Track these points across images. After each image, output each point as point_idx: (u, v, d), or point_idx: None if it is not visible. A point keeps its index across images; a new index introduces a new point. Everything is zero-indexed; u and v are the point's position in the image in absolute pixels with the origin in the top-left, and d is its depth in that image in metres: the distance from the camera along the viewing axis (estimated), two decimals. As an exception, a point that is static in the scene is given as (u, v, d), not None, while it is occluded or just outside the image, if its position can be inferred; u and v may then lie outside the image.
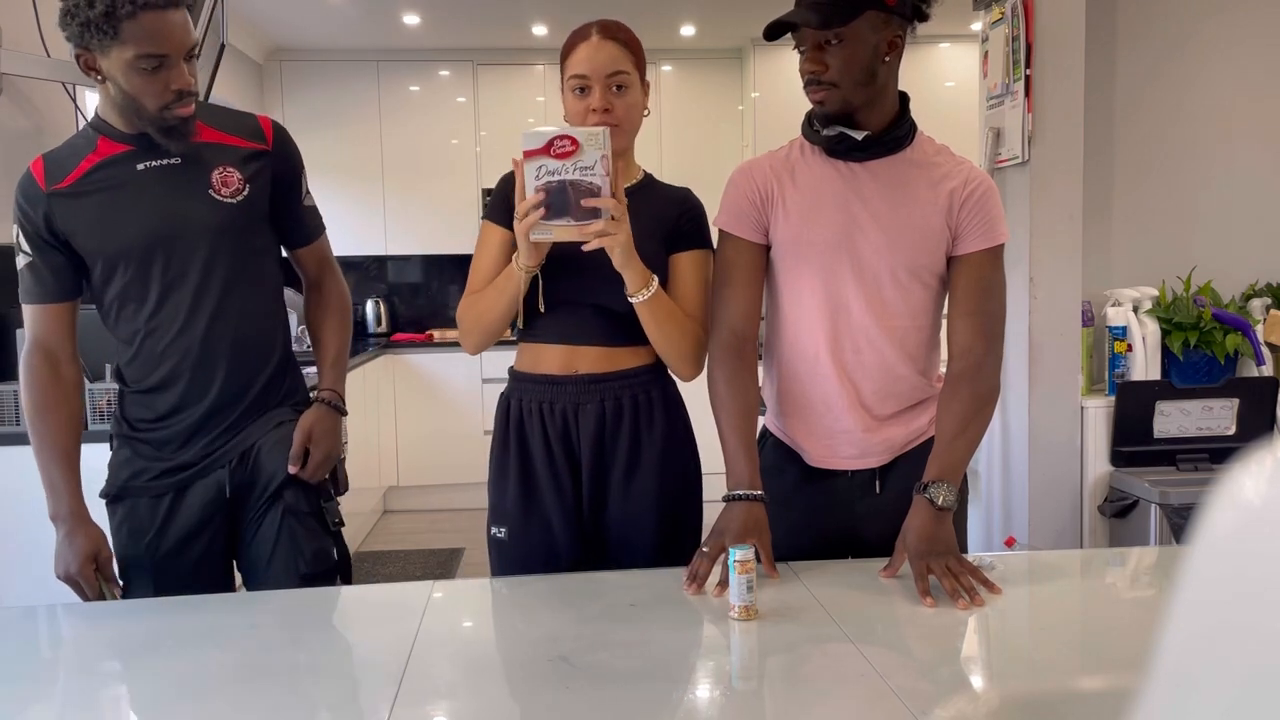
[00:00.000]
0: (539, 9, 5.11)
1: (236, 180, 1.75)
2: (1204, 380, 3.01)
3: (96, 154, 1.72)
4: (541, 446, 1.77)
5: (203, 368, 1.76)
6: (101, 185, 1.71)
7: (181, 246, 1.72)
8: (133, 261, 1.72)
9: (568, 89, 1.74)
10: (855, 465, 1.74)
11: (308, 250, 1.92)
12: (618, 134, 1.71)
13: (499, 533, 1.80)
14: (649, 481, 1.77)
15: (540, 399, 1.77)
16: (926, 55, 5.69)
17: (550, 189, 1.55)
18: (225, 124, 1.80)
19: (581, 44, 1.72)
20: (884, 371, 1.69)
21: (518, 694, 1.23)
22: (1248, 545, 0.42)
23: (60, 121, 3.41)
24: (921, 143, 1.70)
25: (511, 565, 1.79)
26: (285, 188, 1.84)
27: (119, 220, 1.70)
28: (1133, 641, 1.35)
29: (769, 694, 1.25)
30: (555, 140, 1.54)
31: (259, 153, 1.79)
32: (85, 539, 1.73)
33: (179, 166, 1.73)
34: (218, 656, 1.35)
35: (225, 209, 1.74)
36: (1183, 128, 3.25)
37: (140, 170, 1.72)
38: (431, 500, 5.49)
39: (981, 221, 1.66)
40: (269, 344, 1.83)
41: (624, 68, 1.71)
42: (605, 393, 1.76)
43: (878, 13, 1.57)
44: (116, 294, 1.74)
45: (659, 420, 1.79)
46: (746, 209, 1.70)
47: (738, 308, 1.70)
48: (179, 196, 1.72)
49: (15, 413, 2.57)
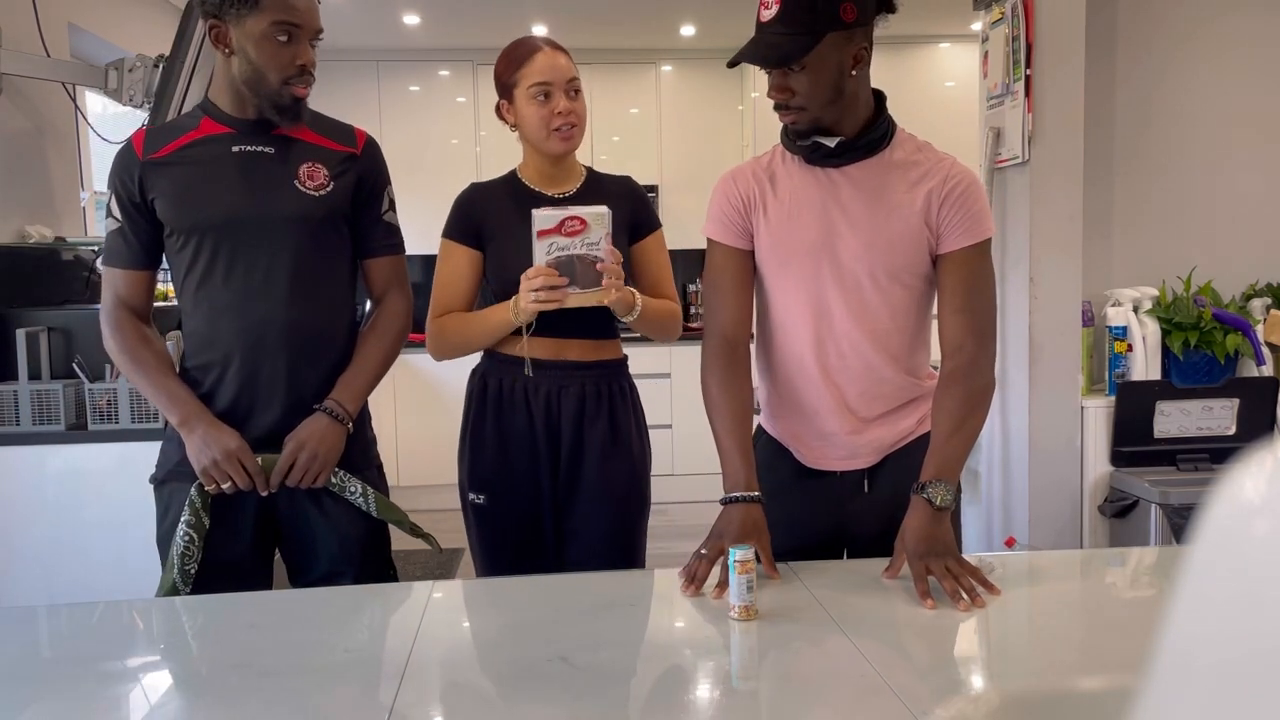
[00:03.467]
0: (539, 9, 5.11)
1: (323, 176, 1.80)
2: (1204, 380, 3.01)
3: (198, 131, 1.79)
4: (525, 419, 1.92)
5: (256, 351, 1.77)
6: (193, 159, 1.77)
7: (257, 230, 1.75)
8: (208, 237, 1.75)
9: (527, 96, 1.88)
10: (845, 466, 1.75)
11: (375, 263, 1.91)
12: (577, 134, 1.91)
13: (478, 499, 1.94)
14: (620, 461, 1.95)
15: (525, 380, 1.91)
16: (926, 55, 5.69)
17: (560, 262, 1.77)
18: (323, 128, 1.86)
19: (537, 54, 1.89)
20: (868, 374, 1.69)
21: (518, 694, 1.23)
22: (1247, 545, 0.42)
23: (60, 121, 3.42)
24: (902, 141, 1.69)
25: (491, 531, 1.94)
26: (366, 195, 1.87)
27: (202, 195, 1.75)
28: (1133, 641, 1.35)
29: (769, 694, 1.25)
30: (566, 220, 1.76)
31: (349, 156, 1.84)
32: (231, 430, 1.74)
33: (271, 155, 1.78)
34: (218, 656, 1.35)
35: (307, 200, 1.78)
36: (1183, 128, 3.25)
37: (234, 152, 1.77)
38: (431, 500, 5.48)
39: (964, 219, 1.64)
40: (329, 343, 1.83)
41: (576, 74, 1.91)
42: (587, 379, 1.94)
43: (837, 33, 1.55)
44: (186, 266, 1.78)
45: (630, 405, 1.99)
46: (731, 216, 1.71)
47: (728, 313, 1.71)
48: (264, 182, 1.77)
49: (15, 413, 2.58)
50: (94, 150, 3.80)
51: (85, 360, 2.61)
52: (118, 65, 3.12)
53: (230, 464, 1.72)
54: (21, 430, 2.58)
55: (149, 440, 2.49)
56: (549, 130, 1.89)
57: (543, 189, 1.95)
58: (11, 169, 3.13)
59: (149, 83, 3.08)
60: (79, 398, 2.60)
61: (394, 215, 1.94)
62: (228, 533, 1.77)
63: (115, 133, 3.39)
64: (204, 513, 1.75)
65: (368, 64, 5.71)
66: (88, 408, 2.57)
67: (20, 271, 2.94)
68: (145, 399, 2.52)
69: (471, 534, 1.98)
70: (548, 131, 1.89)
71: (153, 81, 3.06)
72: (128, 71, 3.11)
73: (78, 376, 2.61)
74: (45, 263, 3.07)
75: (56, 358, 2.66)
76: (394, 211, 1.94)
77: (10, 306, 2.76)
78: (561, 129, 1.88)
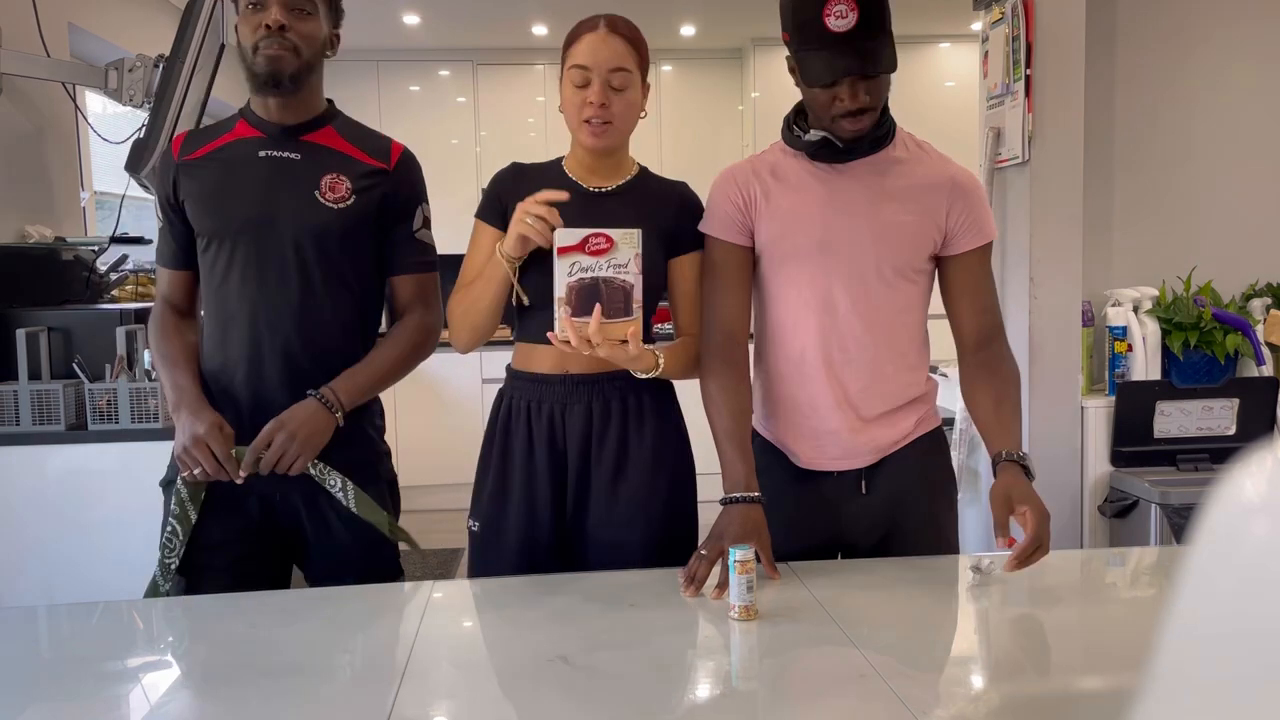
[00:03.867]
0: (539, 9, 5.11)
1: (345, 189, 1.77)
2: (1204, 380, 3.01)
3: (231, 134, 1.81)
4: (524, 444, 1.76)
5: (260, 362, 1.75)
6: (221, 162, 1.78)
7: (273, 236, 1.74)
8: (225, 241, 1.76)
9: (567, 79, 1.71)
10: (841, 466, 1.75)
11: (401, 280, 1.86)
12: (611, 132, 1.70)
13: (474, 525, 1.81)
14: (637, 486, 1.73)
15: (529, 398, 1.76)
16: (926, 55, 5.69)
17: (583, 286, 1.56)
18: (357, 138, 1.83)
19: (588, 34, 1.70)
20: (872, 370, 1.70)
21: (518, 694, 1.23)
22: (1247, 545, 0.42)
23: (60, 121, 3.41)
24: (902, 139, 1.71)
25: (483, 560, 1.79)
26: (395, 212, 1.83)
27: (224, 198, 1.76)
28: (1133, 641, 1.35)
29: (769, 694, 1.25)
30: (590, 238, 1.56)
31: (378, 171, 1.81)
32: (210, 414, 1.70)
33: (297, 162, 1.77)
34: (218, 656, 1.35)
35: (325, 212, 1.76)
36: (1183, 128, 3.25)
37: (261, 156, 1.77)
38: (431, 500, 5.49)
39: (973, 222, 1.69)
40: (340, 359, 1.79)
41: (626, 65, 1.69)
42: (594, 394, 1.74)
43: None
44: (208, 268, 1.79)
45: (649, 423, 1.76)
46: (731, 213, 1.71)
47: (727, 311, 1.71)
48: (284, 189, 1.76)
49: (15, 413, 2.58)
50: (94, 150, 3.80)
51: (85, 360, 2.61)
52: (118, 65, 3.12)
53: (197, 448, 1.66)
54: (21, 430, 2.58)
55: (149, 440, 2.50)
56: (579, 120, 1.71)
57: (582, 180, 1.78)
58: (11, 169, 3.13)
59: (149, 83, 3.08)
60: (79, 398, 2.60)
61: (427, 233, 1.89)
62: (227, 528, 1.76)
63: (115, 133, 3.39)
64: (190, 504, 1.72)
65: (368, 64, 5.71)
66: (88, 408, 2.57)
67: (20, 271, 2.94)
68: (145, 399, 2.53)
69: (469, 562, 1.85)
70: (578, 121, 1.71)
71: (153, 81, 3.06)
72: (128, 71, 3.11)
73: (78, 376, 2.61)
74: (45, 263, 3.07)
75: (56, 358, 2.66)
76: (428, 229, 1.89)
77: (10, 306, 2.76)
78: (591, 121, 1.69)
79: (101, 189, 4.05)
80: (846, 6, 1.52)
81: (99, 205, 4.09)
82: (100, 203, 4.10)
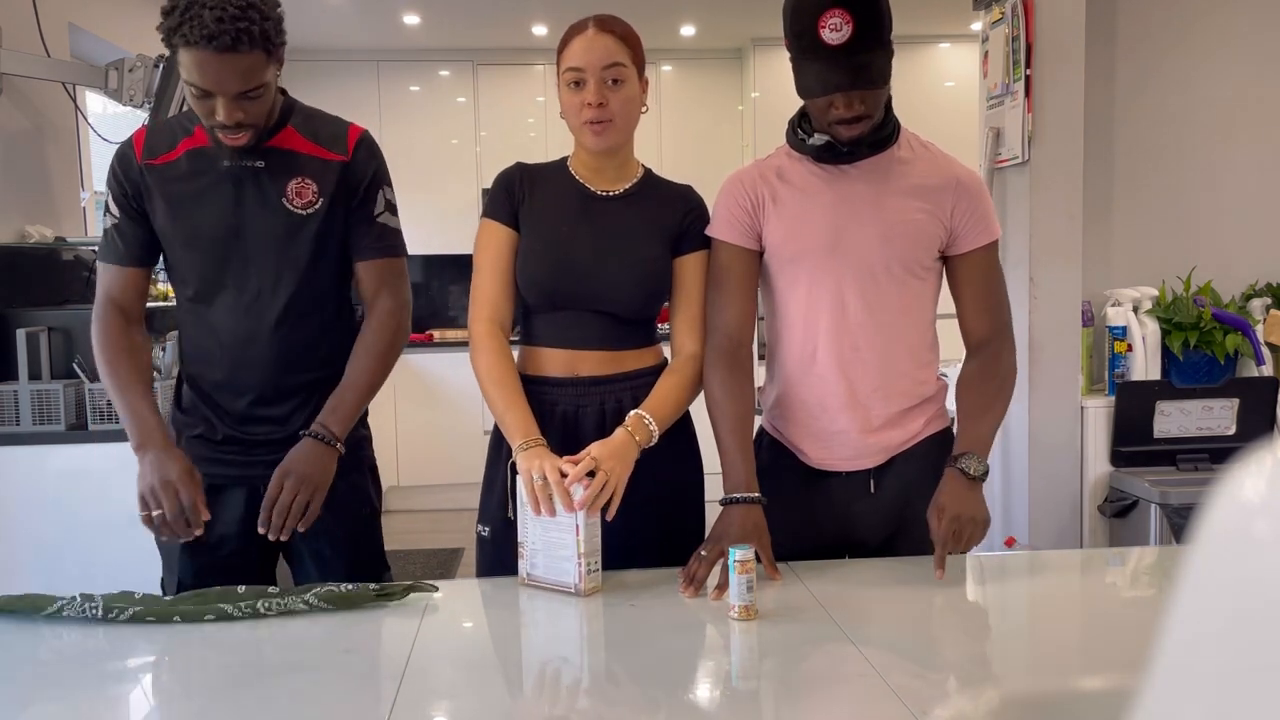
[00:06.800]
0: (539, 9, 5.11)
1: (311, 193, 1.75)
2: (1204, 380, 3.01)
3: (192, 140, 1.76)
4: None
5: (245, 369, 1.75)
6: (188, 173, 1.75)
7: (245, 249, 1.73)
8: (197, 252, 1.75)
9: (563, 83, 1.71)
10: (850, 466, 1.75)
11: (365, 266, 1.82)
12: (612, 130, 1.69)
13: (483, 530, 1.79)
14: (647, 489, 1.68)
15: (540, 401, 1.73)
16: (926, 55, 5.69)
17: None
18: (315, 133, 1.80)
19: (577, 37, 1.70)
20: (883, 368, 1.70)
21: (518, 694, 1.23)
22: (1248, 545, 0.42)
23: (60, 121, 3.42)
24: (907, 138, 1.73)
25: (492, 564, 1.76)
26: (352, 198, 1.80)
27: (194, 211, 1.74)
28: (1133, 641, 1.35)
29: (769, 694, 1.25)
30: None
31: (336, 164, 1.78)
32: (180, 458, 1.67)
33: (261, 170, 1.74)
34: (217, 656, 1.35)
35: (296, 219, 1.74)
36: (1183, 128, 3.25)
37: (226, 166, 1.74)
38: (431, 500, 5.49)
39: (978, 220, 1.71)
40: (324, 359, 1.79)
41: (620, 60, 1.68)
42: (606, 395, 1.74)
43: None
44: (181, 279, 1.78)
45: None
46: (739, 216, 1.72)
47: (732, 313, 1.71)
48: (252, 200, 1.74)
49: (15, 412, 2.58)
50: (94, 150, 3.80)
51: (85, 360, 2.61)
52: (118, 65, 3.12)
53: (165, 491, 1.62)
54: (21, 430, 2.58)
55: (149, 440, 2.50)
56: (580, 123, 1.70)
57: (589, 182, 1.77)
58: (11, 169, 3.13)
59: (149, 83, 3.08)
60: (79, 398, 2.61)
61: (391, 217, 1.85)
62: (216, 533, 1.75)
63: (115, 133, 3.39)
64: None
65: (368, 64, 5.71)
66: (88, 408, 2.57)
67: (20, 271, 2.94)
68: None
69: (477, 566, 1.83)
70: (579, 124, 1.70)
71: (153, 81, 3.06)
72: (128, 71, 3.11)
73: (78, 376, 2.61)
74: (45, 263, 3.08)
75: (56, 358, 2.66)
76: (392, 213, 1.85)
77: (10, 306, 2.76)
78: (591, 122, 1.68)
79: (101, 189, 4.04)
80: (842, 19, 1.52)
81: (99, 205, 4.08)
82: (100, 203, 4.10)
